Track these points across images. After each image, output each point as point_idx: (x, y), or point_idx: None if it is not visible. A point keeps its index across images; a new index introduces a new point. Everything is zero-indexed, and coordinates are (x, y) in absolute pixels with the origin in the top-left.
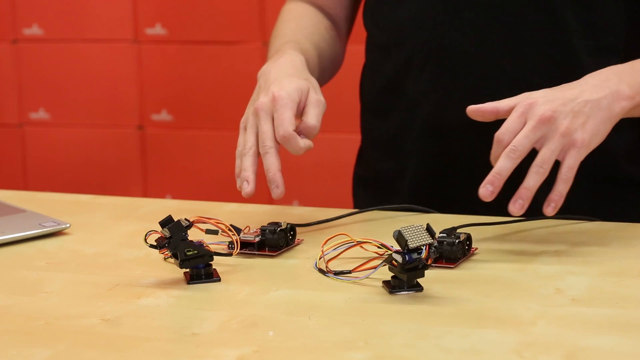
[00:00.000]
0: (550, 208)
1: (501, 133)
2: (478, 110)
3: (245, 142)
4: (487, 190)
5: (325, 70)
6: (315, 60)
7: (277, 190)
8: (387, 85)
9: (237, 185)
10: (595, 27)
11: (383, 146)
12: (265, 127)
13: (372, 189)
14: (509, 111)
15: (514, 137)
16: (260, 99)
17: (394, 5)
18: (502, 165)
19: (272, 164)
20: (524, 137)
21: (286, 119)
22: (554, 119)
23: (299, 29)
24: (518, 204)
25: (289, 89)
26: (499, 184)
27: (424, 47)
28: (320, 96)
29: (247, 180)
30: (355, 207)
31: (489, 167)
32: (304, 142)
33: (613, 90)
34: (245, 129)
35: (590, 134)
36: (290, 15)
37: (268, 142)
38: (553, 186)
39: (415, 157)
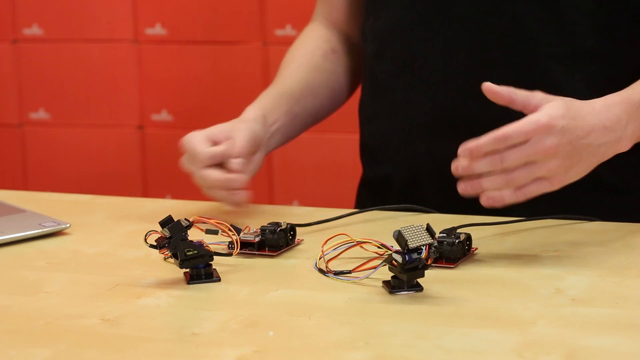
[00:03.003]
0: (484, 199)
1: (503, 134)
2: (494, 92)
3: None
4: (463, 186)
5: (315, 100)
6: (285, 108)
7: (240, 194)
8: (371, 93)
9: (230, 203)
10: (564, 34)
11: (370, 152)
12: (193, 170)
13: (365, 195)
14: (522, 106)
15: (508, 145)
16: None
17: (376, 16)
18: (481, 167)
19: (215, 175)
20: (517, 158)
21: (200, 153)
22: (552, 155)
23: (293, 67)
24: (464, 187)
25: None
26: (467, 175)
27: (399, 57)
28: (258, 155)
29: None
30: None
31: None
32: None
33: (617, 136)
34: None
35: (570, 177)
36: (297, 43)
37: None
38: (503, 189)
39: (397, 164)
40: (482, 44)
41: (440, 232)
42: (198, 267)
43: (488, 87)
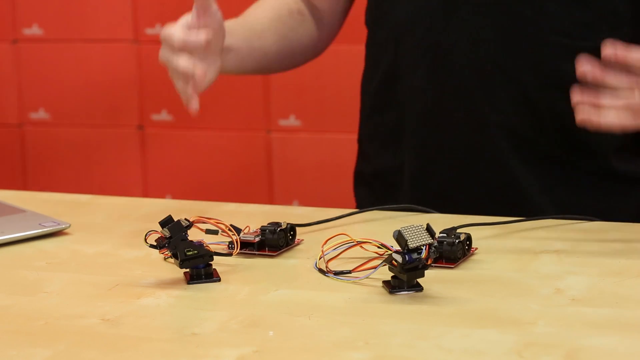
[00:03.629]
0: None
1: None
2: None
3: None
4: (579, 96)
5: (273, 45)
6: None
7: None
8: (385, 81)
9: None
10: (591, 27)
11: (381, 142)
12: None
13: (373, 186)
14: None
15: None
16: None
17: (394, 3)
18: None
19: (183, 62)
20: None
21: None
22: None
23: (258, 11)
24: (580, 96)
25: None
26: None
27: (420, 44)
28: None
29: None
30: (357, 205)
31: (483, 161)
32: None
33: None
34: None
35: None
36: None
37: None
38: (611, 113)
39: (412, 152)
40: (507, 33)
41: (440, 232)
42: (198, 267)
43: None
